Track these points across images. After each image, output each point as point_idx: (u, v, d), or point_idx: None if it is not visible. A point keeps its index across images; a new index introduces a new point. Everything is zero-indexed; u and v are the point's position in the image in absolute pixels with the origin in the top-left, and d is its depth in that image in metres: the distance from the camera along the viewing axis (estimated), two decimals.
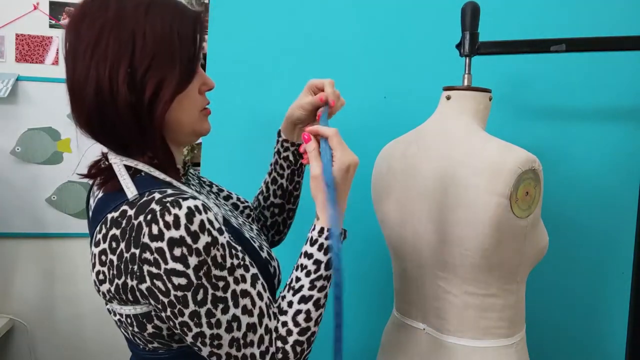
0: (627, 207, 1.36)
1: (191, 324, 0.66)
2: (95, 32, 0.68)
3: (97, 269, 0.70)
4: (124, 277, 0.67)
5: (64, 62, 0.72)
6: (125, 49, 0.67)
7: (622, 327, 1.30)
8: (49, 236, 2.14)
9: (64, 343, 2.21)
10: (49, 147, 2.10)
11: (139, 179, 0.71)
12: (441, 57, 1.32)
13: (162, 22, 0.70)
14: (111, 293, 0.70)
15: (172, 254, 0.63)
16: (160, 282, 0.64)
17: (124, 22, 0.68)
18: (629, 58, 1.35)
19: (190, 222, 0.64)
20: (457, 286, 0.98)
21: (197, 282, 0.64)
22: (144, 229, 0.64)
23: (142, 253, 0.64)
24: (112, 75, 0.67)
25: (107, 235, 0.68)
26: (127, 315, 0.71)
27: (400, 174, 1.05)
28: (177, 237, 0.63)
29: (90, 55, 0.68)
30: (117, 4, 0.69)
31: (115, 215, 0.68)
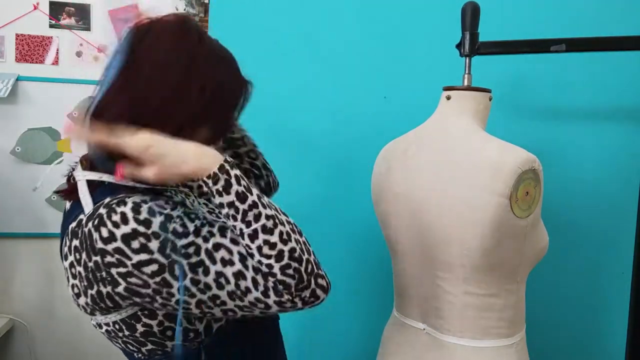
0: (627, 207, 1.36)
1: (186, 298, 0.65)
2: (163, 56, 0.70)
3: (71, 282, 0.70)
4: (96, 286, 0.67)
5: (108, 58, 0.72)
6: (180, 88, 0.70)
7: (622, 327, 1.30)
8: (49, 236, 2.14)
9: (64, 343, 2.21)
10: (49, 147, 2.10)
11: (100, 190, 0.71)
12: (441, 57, 1.32)
13: (225, 78, 0.74)
14: (89, 305, 0.70)
15: (131, 249, 0.63)
16: (134, 278, 0.64)
17: (191, 63, 0.71)
18: (629, 58, 1.35)
19: (137, 212, 0.64)
20: (457, 286, 0.98)
21: (168, 260, 0.64)
22: (94, 235, 0.64)
23: (104, 258, 0.64)
24: (157, 105, 0.69)
25: (71, 247, 0.68)
26: (113, 322, 0.71)
27: (400, 174, 1.05)
28: (130, 230, 0.63)
29: (148, 78, 0.69)
30: (194, 44, 0.72)
31: (74, 225, 0.68)
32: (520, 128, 1.38)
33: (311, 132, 1.44)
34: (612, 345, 1.43)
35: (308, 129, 1.43)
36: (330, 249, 1.46)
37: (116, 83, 0.70)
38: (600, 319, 1.44)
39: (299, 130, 1.44)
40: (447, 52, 1.14)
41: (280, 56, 1.42)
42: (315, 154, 1.44)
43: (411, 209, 1.02)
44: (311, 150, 1.44)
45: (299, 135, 1.44)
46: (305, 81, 1.43)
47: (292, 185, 1.43)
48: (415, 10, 1.39)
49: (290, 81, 1.43)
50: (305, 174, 1.45)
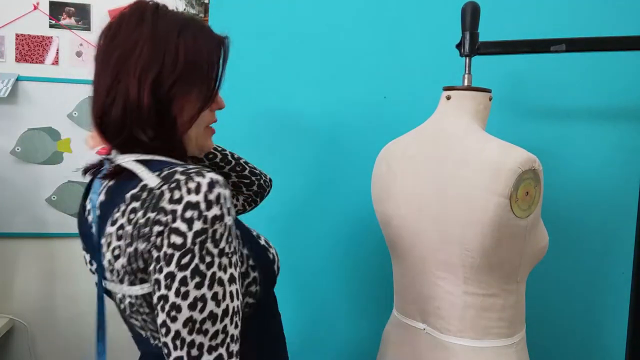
0: (627, 207, 1.36)
1: (162, 284, 0.65)
2: (130, 43, 0.75)
3: (114, 244, 0.71)
4: (135, 243, 0.68)
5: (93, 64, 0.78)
6: (155, 62, 0.74)
7: (622, 327, 1.30)
8: (49, 236, 2.14)
9: (64, 343, 2.21)
10: (49, 147, 2.10)
11: (154, 164, 0.74)
12: (441, 57, 1.32)
13: (193, 43, 0.77)
14: (124, 268, 0.71)
15: (182, 215, 0.65)
16: (158, 239, 0.65)
17: (157, 39, 0.75)
18: (629, 58, 1.35)
19: (209, 190, 0.66)
20: (457, 286, 0.98)
21: (191, 246, 0.65)
22: (166, 195, 0.66)
23: (157, 215, 0.66)
24: (139, 83, 0.73)
25: (126, 210, 0.70)
26: (136, 296, 0.72)
27: (400, 174, 1.05)
28: (194, 201, 0.65)
29: (122, 62, 0.74)
30: (153, 22, 0.76)
31: (135, 191, 0.71)
32: (520, 128, 1.38)
33: (311, 132, 1.44)
34: (612, 345, 1.43)
35: (308, 129, 1.44)
36: (330, 249, 1.46)
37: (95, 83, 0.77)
38: (600, 319, 1.44)
39: (298, 131, 1.44)
40: (447, 52, 1.14)
41: (280, 56, 1.42)
42: (315, 154, 1.44)
43: (411, 208, 1.02)
44: (311, 150, 1.44)
45: (299, 135, 1.44)
46: (305, 81, 1.43)
47: (292, 186, 1.44)
48: (415, 10, 1.39)
49: (289, 81, 1.43)
50: (305, 174, 1.45)
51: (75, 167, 2.12)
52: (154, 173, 0.71)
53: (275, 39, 1.42)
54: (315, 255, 1.46)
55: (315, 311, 1.48)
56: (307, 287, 1.46)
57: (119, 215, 0.71)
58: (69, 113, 2.10)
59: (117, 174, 0.76)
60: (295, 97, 1.44)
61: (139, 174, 0.72)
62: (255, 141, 1.43)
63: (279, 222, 1.45)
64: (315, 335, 1.48)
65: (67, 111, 2.10)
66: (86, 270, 2.22)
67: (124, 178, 0.74)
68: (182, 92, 0.76)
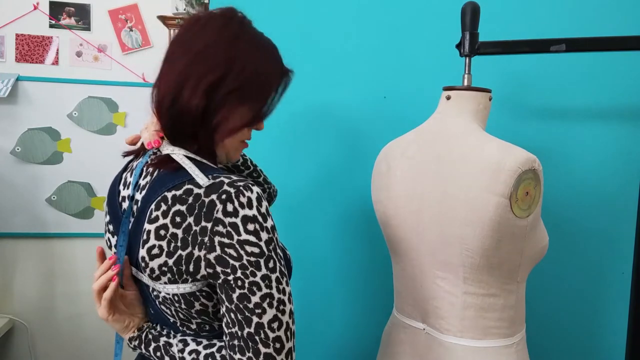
0: (627, 207, 1.36)
1: (262, 285, 0.71)
2: (210, 42, 0.79)
3: (151, 243, 0.74)
4: (190, 248, 0.72)
5: (169, 47, 0.83)
6: (221, 66, 0.78)
7: (622, 327, 1.31)
8: (49, 236, 2.14)
9: (64, 343, 2.21)
10: (49, 147, 2.10)
11: (198, 164, 0.78)
12: (441, 57, 1.33)
13: (263, 62, 0.83)
14: (165, 267, 0.74)
15: (245, 228, 0.71)
16: (232, 250, 0.71)
17: (232, 46, 0.80)
18: (629, 58, 1.35)
19: (259, 204, 0.73)
20: (457, 286, 0.98)
21: (269, 253, 0.73)
22: (218, 206, 0.71)
23: (215, 226, 0.71)
24: (198, 81, 0.77)
25: (169, 211, 0.73)
26: (174, 294, 0.76)
27: (400, 174, 1.05)
28: (251, 215, 0.72)
29: (194, 62, 0.78)
30: (235, 30, 0.81)
31: (179, 193, 0.74)
32: (520, 128, 1.38)
33: (311, 132, 1.44)
34: (612, 345, 1.43)
35: (308, 129, 1.44)
36: (330, 249, 1.46)
37: (165, 69, 0.81)
38: (600, 319, 1.44)
39: (298, 131, 1.44)
40: (447, 52, 1.14)
41: None
42: (315, 154, 1.44)
43: (411, 209, 1.02)
44: (311, 150, 1.44)
45: (299, 135, 1.44)
46: (304, 81, 1.43)
47: (292, 186, 1.44)
48: (415, 10, 1.39)
49: None
50: (305, 174, 1.45)
51: (76, 167, 2.12)
52: (199, 175, 0.75)
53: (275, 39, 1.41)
54: (315, 255, 1.46)
55: (315, 311, 1.48)
56: (307, 287, 1.46)
57: (159, 214, 0.74)
58: (69, 113, 2.10)
59: (164, 163, 0.79)
60: (295, 97, 1.43)
61: (191, 173, 0.76)
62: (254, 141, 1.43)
63: (278, 222, 1.44)
64: (316, 335, 1.48)
65: (67, 111, 2.10)
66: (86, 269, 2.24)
67: (169, 170, 0.78)
68: (235, 102, 0.80)
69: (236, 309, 0.72)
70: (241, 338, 0.71)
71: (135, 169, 0.85)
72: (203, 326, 0.80)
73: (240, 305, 0.71)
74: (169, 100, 0.78)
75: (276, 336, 0.72)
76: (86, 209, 2.14)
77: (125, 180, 0.86)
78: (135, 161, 0.87)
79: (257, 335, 0.71)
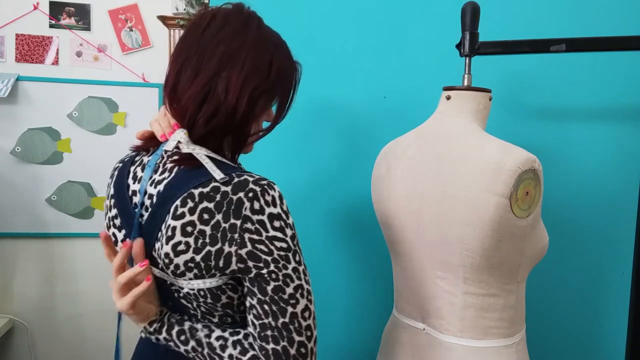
0: (627, 207, 1.36)
1: (293, 276, 0.75)
2: (235, 44, 0.80)
3: (177, 240, 0.75)
4: (219, 244, 0.74)
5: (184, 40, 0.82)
6: (259, 70, 0.81)
7: (622, 327, 1.31)
8: (49, 236, 2.15)
9: (64, 343, 2.21)
10: (49, 147, 2.10)
11: (220, 164, 0.80)
12: (441, 57, 1.32)
13: (284, 61, 0.86)
14: (191, 263, 0.75)
15: (272, 225, 0.75)
16: (262, 246, 0.74)
17: (259, 49, 0.82)
18: (629, 58, 1.35)
19: (282, 203, 0.77)
20: (457, 286, 0.98)
21: (294, 248, 0.77)
22: (246, 204, 0.74)
23: (244, 224, 0.74)
24: (242, 89, 0.79)
25: (196, 208, 0.74)
26: (199, 289, 0.77)
27: (400, 174, 1.05)
28: (276, 212, 0.75)
29: (226, 60, 0.79)
30: (256, 31, 0.83)
31: (206, 190, 0.75)
32: (520, 128, 1.38)
33: (311, 132, 1.44)
34: (612, 345, 1.43)
35: (307, 129, 1.44)
36: (330, 249, 1.46)
37: (188, 66, 0.80)
38: (600, 319, 1.44)
39: (298, 130, 1.44)
40: (447, 52, 1.14)
41: None
42: (315, 154, 1.44)
43: (411, 209, 1.02)
44: (311, 150, 1.44)
45: (299, 135, 1.44)
46: (304, 81, 1.43)
47: (291, 185, 1.43)
48: (415, 10, 1.39)
49: None
50: (305, 174, 1.45)
51: (76, 167, 2.12)
52: (224, 175, 0.76)
53: None
54: (315, 255, 1.46)
55: (315, 311, 1.48)
56: None
57: (185, 211, 0.75)
58: (69, 113, 2.10)
59: (185, 161, 0.79)
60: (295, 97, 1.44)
61: (209, 169, 0.77)
62: None
63: None
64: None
65: (67, 111, 2.10)
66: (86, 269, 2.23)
67: (190, 168, 0.78)
68: (265, 103, 0.84)
69: (271, 301, 0.74)
70: (275, 328, 0.74)
71: (147, 163, 0.84)
72: (225, 319, 0.82)
73: (275, 296, 0.74)
74: (201, 100, 0.79)
75: (307, 324, 0.76)
76: (86, 209, 2.14)
77: (135, 174, 0.85)
78: (145, 156, 0.86)
79: (292, 324, 0.74)
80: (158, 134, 0.83)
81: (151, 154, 0.85)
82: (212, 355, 0.78)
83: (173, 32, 2.12)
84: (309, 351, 0.76)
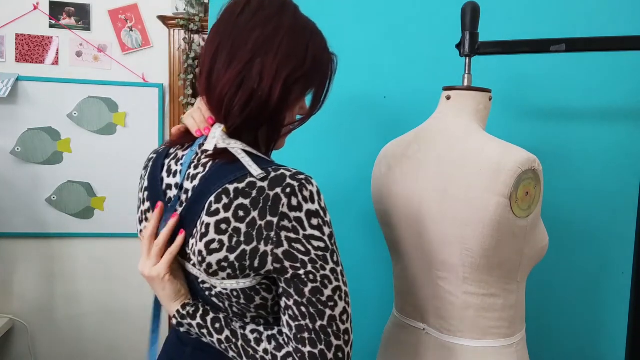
0: (627, 207, 1.36)
1: (332, 278, 0.73)
2: (270, 28, 0.77)
3: (210, 237, 0.72)
4: (255, 243, 0.71)
5: (219, 24, 0.79)
6: (294, 56, 0.78)
7: (622, 327, 1.30)
8: (49, 236, 2.15)
9: (64, 343, 2.21)
10: (49, 147, 2.11)
11: (255, 158, 0.77)
12: (441, 57, 1.32)
13: (320, 47, 0.83)
14: (225, 263, 0.72)
15: (310, 223, 0.72)
16: (299, 245, 0.71)
17: (295, 34, 0.79)
18: (629, 58, 1.35)
19: (320, 199, 0.74)
20: (457, 286, 0.98)
21: (332, 247, 0.74)
22: (283, 200, 0.71)
23: (281, 221, 0.71)
24: (276, 75, 0.76)
25: (231, 204, 0.72)
26: (232, 289, 0.75)
27: (400, 174, 1.05)
28: (314, 209, 0.72)
29: (260, 45, 0.76)
30: (293, 16, 0.80)
31: (241, 186, 0.72)
32: (520, 128, 1.38)
33: (311, 132, 1.43)
34: (612, 345, 1.43)
35: (307, 129, 1.43)
36: None
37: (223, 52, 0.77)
38: (600, 319, 1.44)
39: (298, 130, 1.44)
40: (447, 52, 1.14)
41: None
42: (315, 154, 1.44)
43: (411, 208, 1.02)
44: (310, 150, 1.44)
45: (298, 135, 1.44)
46: None
47: None
48: (415, 10, 1.39)
49: None
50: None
51: (76, 167, 2.12)
52: (260, 169, 0.73)
53: None
54: None
55: None
56: None
57: (219, 207, 0.72)
58: (69, 113, 2.10)
59: (220, 155, 0.77)
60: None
61: (245, 164, 0.74)
62: None
63: None
64: None
65: (67, 111, 2.10)
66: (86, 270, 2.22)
67: (225, 162, 0.76)
68: (301, 90, 0.81)
69: (308, 303, 0.71)
70: (312, 330, 0.71)
71: (182, 158, 0.82)
72: (258, 320, 0.79)
73: (313, 298, 0.71)
74: (236, 87, 0.76)
75: (345, 328, 0.73)
76: (86, 209, 2.14)
77: (170, 167, 0.82)
78: (180, 150, 0.84)
79: (330, 327, 0.72)
80: (193, 129, 0.82)
81: (186, 149, 0.83)
82: (247, 348, 0.75)
83: (173, 32, 2.12)
84: (346, 356, 0.73)
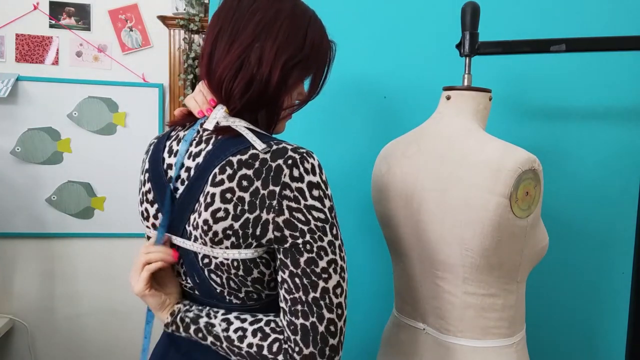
0: (627, 207, 1.36)
1: (328, 250, 0.74)
2: (271, 12, 0.79)
3: (216, 206, 0.74)
4: (258, 211, 0.73)
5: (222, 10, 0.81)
6: (293, 41, 0.80)
7: (622, 327, 1.31)
8: (49, 236, 2.15)
9: (64, 343, 2.21)
10: (49, 147, 2.10)
11: (259, 134, 0.79)
12: (441, 57, 1.32)
13: (319, 33, 0.85)
14: (229, 230, 0.74)
15: (311, 194, 0.73)
16: (300, 214, 0.72)
17: (295, 18, 0.81)
18: (629, 58, 1.35)
19: (321, 172, 0.76)
20: (457, 286, 0.98)
21: (331, 220, 0.75)
22: (285, 171, 0.73)
23: (282, 190, 0.72)
24: (275, 59, 0.78)
25: (235, 175, 0.74)
26: (233, 259, 0.76)
27: (400, 174, 1.05)
28: (315, 181, 0.74)
29: (261, 29, 0.78)
30: (294, 2, 0.83)
31: (244, 157, 0.74)
32: (520, 128, 1.38)
33: (310, 132, 1.44)
34: (612, 345, 1.43)
35: (307, 129, 1.43)
36: None
37: (224, 36, 0.79)
38: (600, 319, 1.44)
39: (298, 130, 1.44)
40: (447, 52, 1.14)
41: None
42: (315, 154, 1.44)
43: (411, 209, 1.02)
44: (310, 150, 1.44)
45: (298, 134, 1.44)
46: None
47: None
48: (415, 10, 1.39)
49: None
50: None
51: (76, 167, 2.12)
52: (263, 143, 0.75)
53: None
54: None
55: None
56: None
57: (224, 177, 0.74)
58: (69, 113, 2.10)
59: (223, 131, 0.79)
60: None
61: (249, 139, 0.76)
62: None
63: None
64: None
65: (67, 111, 2.10)
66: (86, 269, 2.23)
67: (229, 137, 0.78)
68: (300, 75, 0.82)
69: (302, 273, 0.72)
70: (305, 303, 0.72)
71: (183, 137, 0.83)
72: (251, 295, 0.80)
73: (308, 269, 0.72)
74: (236, 70, 0.78)
75: (339, 302, 0.74)
76: (86, 209, 2.14)
77: (171, 148, 0.84)
78: (181, 130, 0.85)
79: (322, 300, 0.72)
80: (195, 111, 0.83)
81: (187, 129, 0.84)
82: (232, 347, 0.76)
83: (173, 32, 2.12)
84: (339, 330, 0.74)
